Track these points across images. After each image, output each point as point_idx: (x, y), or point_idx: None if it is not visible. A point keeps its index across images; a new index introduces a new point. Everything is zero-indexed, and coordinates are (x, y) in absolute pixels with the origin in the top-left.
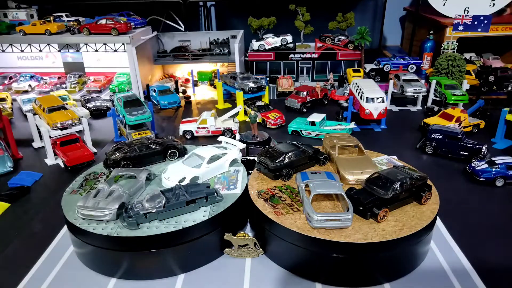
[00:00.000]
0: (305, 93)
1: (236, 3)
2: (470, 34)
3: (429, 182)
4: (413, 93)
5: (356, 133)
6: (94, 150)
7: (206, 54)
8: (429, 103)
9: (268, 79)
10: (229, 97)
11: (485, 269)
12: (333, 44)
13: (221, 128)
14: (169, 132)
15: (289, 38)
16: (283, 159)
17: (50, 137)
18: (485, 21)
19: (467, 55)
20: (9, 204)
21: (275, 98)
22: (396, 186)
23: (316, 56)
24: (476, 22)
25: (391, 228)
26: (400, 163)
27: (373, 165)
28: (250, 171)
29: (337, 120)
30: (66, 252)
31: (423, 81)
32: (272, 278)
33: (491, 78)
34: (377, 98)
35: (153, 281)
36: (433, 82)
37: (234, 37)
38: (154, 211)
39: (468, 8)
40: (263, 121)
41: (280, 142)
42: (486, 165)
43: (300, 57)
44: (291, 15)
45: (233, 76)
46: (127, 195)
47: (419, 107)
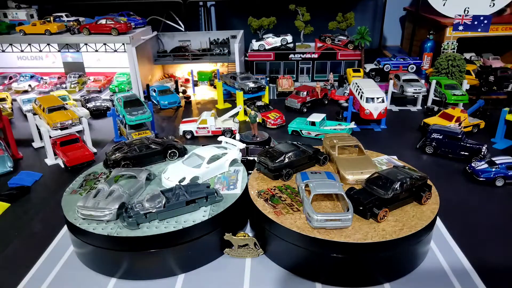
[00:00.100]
0: (305, 93)
1: (236, 3)
2: (470, 34)
3: (429, 182)
4: (413, 93)
5: (356, 133)
6: (94, 150)
7: (206, 54)
8: (429, 103)
9: (268, 79)
10: (229, 97)
11: (485, 269)
12: (333, 44)
13: (221, 128)
14: (169, 132)
15: (289, 38)
16: (283, 159)
17: (50, 137)
18: (485, 21)
19: (467, 55)
20: (9, 204)
21: (275, 98)
22: (396, 186)
23: (316, 56)
24: (476, 22)
25: (391, 228)
26: (400, 163)
27: (373, 165)
28: (250, 171)
29: (337, 120)
30: (66, 252)
31: (423, 81)
32: (272, 278)
33: (491, 78)
34: (377, 98)
35: (153, 281)
36: (433, 82)
37: (234, 37)
38: (154, 211)
39: (468, 8)
40: (263, 121)
41: (280, 142)
42: (486, 165)
43: (300, 57)
44: (291, 15)
45: (233, 76)
46: (127, 195)
47: (419, 107)
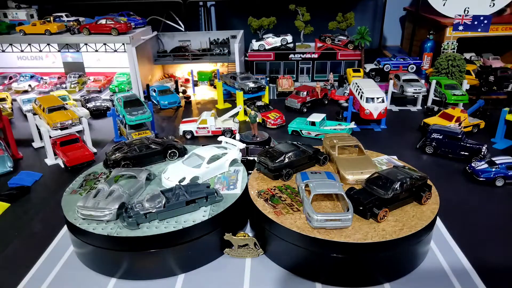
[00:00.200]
0: (305, 93)
1: (236, 3)
2: (470, 34)
3: (429, 182)
4: (413, 93)
5: (356, 133)
6: (94, 150)
7: (206, 54)
8: (429, 103)
9: (268, 79)
10: (229, 97)
11: (485, 269)
12: (333, 44)
13: (221, 128)
14: (169, 132)
15: (289, 38)
16: (283, 159)
17: (50, 137)
18: (485, 21)
19: (467, 55)
20: (9, 204)
21: (275, 98)
22: (396, 186)
23: (316, 56)
24: (476, 22)
25: (391, 228)
26: (400, 163)
27: (373, 165)
28: (250, 171)
29: (337, 120)
30: (66, 252)
31: (423, 81)
32: (272, 278)
33: (491, 78)
34: (377, 98)
35: (153, 281)
36: (433, 82)
37: (234, 37)
38: (154, 211)
39: (468, 8)
40: (263, 121)
41: (280, 142)
42: (486, 165)
43: (300, 57)
44: (291, 15)
45: (233, 76)
46: (127, 195)
47: (419, 107)
